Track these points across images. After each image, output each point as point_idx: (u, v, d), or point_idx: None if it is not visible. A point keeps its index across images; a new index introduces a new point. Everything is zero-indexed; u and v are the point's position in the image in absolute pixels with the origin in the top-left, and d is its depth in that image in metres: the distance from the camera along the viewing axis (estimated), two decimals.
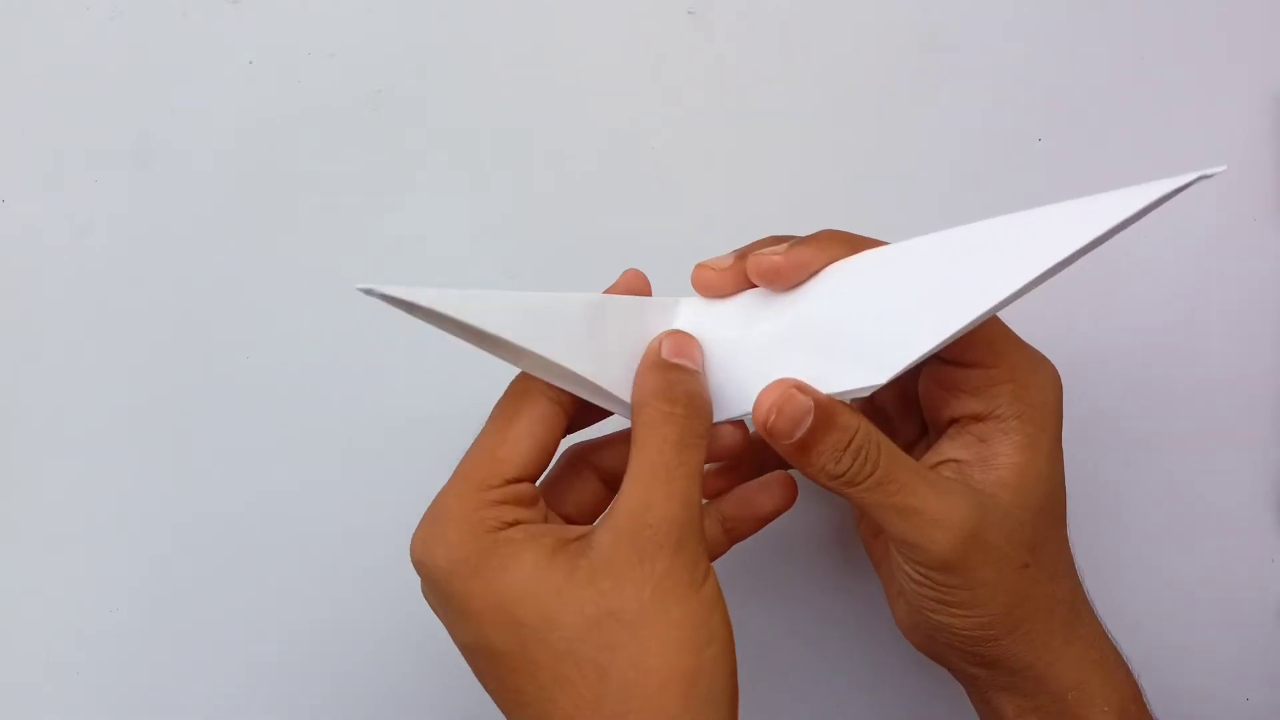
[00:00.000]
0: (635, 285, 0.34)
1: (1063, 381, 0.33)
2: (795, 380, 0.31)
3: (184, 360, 0.43)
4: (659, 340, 0.32)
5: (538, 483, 0.32)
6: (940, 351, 0.30)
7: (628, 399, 0.32)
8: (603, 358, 0.31)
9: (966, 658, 0.33)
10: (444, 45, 0.43)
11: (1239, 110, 0.43)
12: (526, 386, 0.31)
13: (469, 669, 0.31)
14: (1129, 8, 0.43)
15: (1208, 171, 0.26)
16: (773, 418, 0.30)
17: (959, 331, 0.29)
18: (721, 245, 0.36)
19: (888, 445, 0.31)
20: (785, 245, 0.32)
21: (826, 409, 0.30)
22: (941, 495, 0.30)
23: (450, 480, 0.31)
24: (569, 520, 0.33)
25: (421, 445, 0.43)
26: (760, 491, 0.35)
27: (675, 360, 0.31)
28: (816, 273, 0.32)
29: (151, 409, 0.43)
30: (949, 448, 0.33)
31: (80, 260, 0.43)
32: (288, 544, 0.43)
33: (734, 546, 0.36)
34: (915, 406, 0.35)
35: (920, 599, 0.33)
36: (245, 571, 0.43)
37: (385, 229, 0.43)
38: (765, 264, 0.32)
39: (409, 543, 0.31)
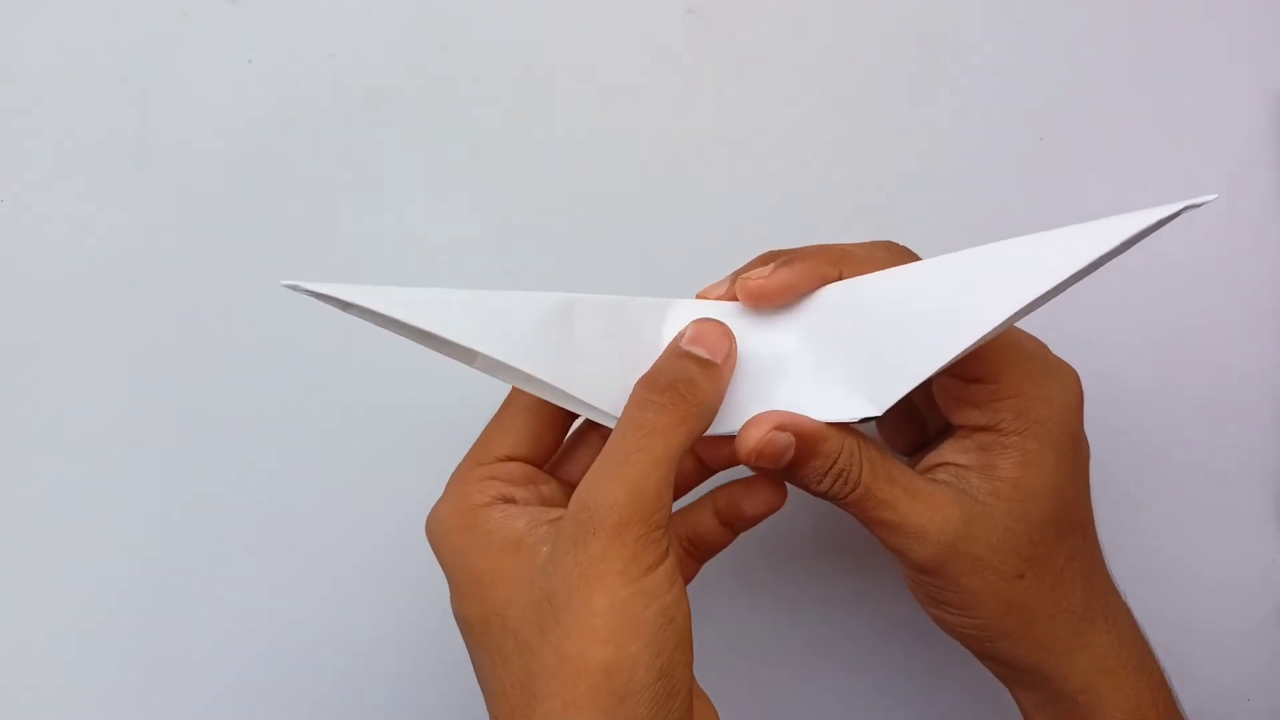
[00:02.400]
0: None
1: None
2: (777, 417, 0.31)
3: (183, 359, 0.43)
4: (685, 328, 0.32)
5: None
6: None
7: (595, 402, 0.32)
8: (564, 359, 0.31)
9: (974, 653, 0.34)
10: (444, 45, 0.43)
11: (1239, 110, 0.43)
12: None
13: (461, 667, 0.31)
14: (1129, 8, 0.43)
15: (1196, 200, 0.26)
16: (754, 459, 0.31)
17: (951, 360, 0.30)
18: (721, 245, 0.36)
19: (873, 461, 0.31)
20: (771, 266, 0.32)
21: (809, 440, 0.31)
22: (922, 507, 0.31)
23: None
24: None
25: (423, 441, 0.43)
26: (746, 493, 0.34)
27: (688, 348, 0.31)
28: (805, 294, 0.32)
29: (151, 408, 0.43)
30: (952, 450, 0.33)
31: (80, 260, 0.43)
32: (288, 542, 0.43)
33: (748, 543, 0.35)
34: (935, 404, 0.35)
35: (916, 595, 0.34)
36: (244, 570, 0.43)
37: (385, 228, 0.43)
38: (752, 288, 0.32)
39: (409, 540, 0.33)
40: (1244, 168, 0.43)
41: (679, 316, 0.33)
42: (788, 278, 0.32)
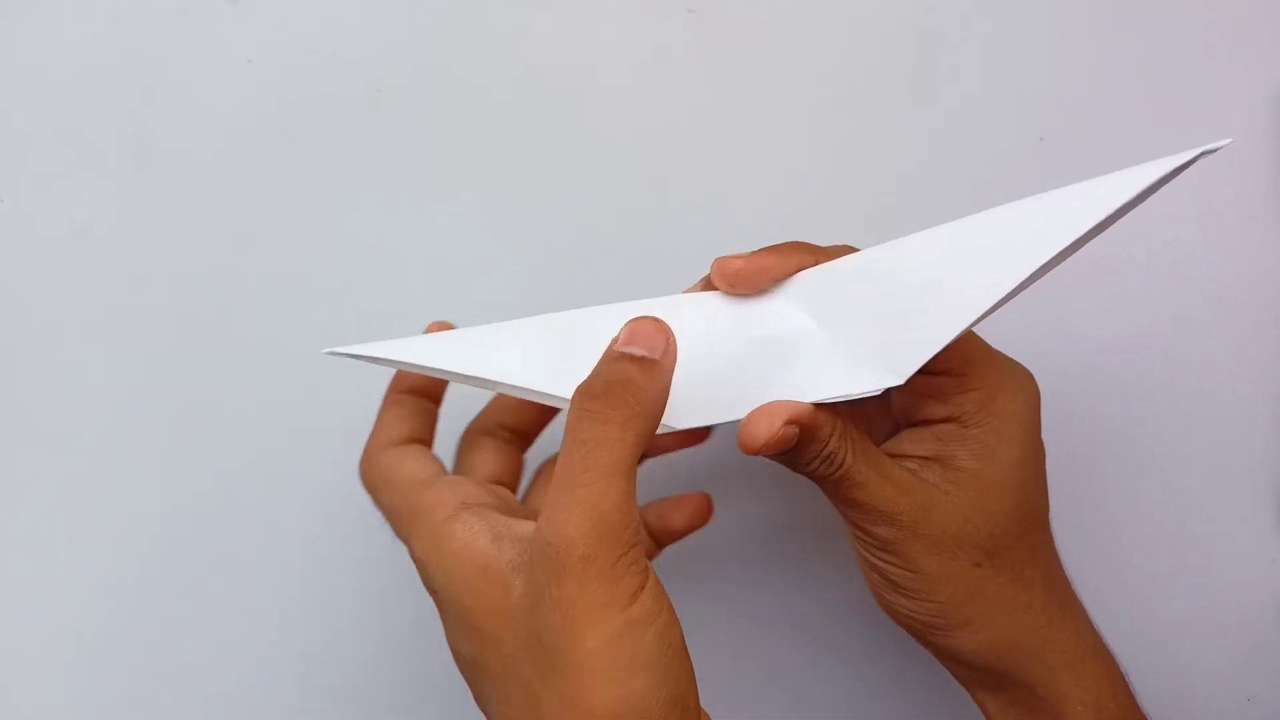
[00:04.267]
0: None
1: (1060, 383, 0.33)
2: (785, 410, 0.30)
3: (183, 360, 0.43)
4: (619, 332, 0.30)
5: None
6: None
7: None
8: (574, 374, 0.31)
9: (931, 649, 0.34)
10: (444, 45, 0.43)
11: (1239, 110, 0.43)
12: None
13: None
14: (1129, 7, 0.43)
15: (1211, 146, 0.26)
16: (764, 451, 0.30)
17: (976, 321, 0.29)
18: (722, 245, 0.36)
19: (854, 443, 0.31)
20: (749, 251, 0.32)
21: (809, 430, 0.30)
22: (891, 490, 0.31)
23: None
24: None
25: None
26: (674, 509, 0.36)
27: (623, 350, 0.30)
28: (780, 280, 0.32)
29: (150, 409, 0.43)
30: (910, 443, 0.33)
31: (80, 260, 0.43)
32: (287, 543, 0.43)
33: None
34: (888, 402, 0.35)
35: (872, 580, 0.34)
36: (244, 571, 0.43)
37: (384, 228, 0.43)
38: (727, 268, 0.32)
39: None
40: (1244, 167, 0.43)
41: (689, 310, 0.33)
42: (764, 261, 0.32)
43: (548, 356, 0.32)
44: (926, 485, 0.32)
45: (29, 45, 0.43)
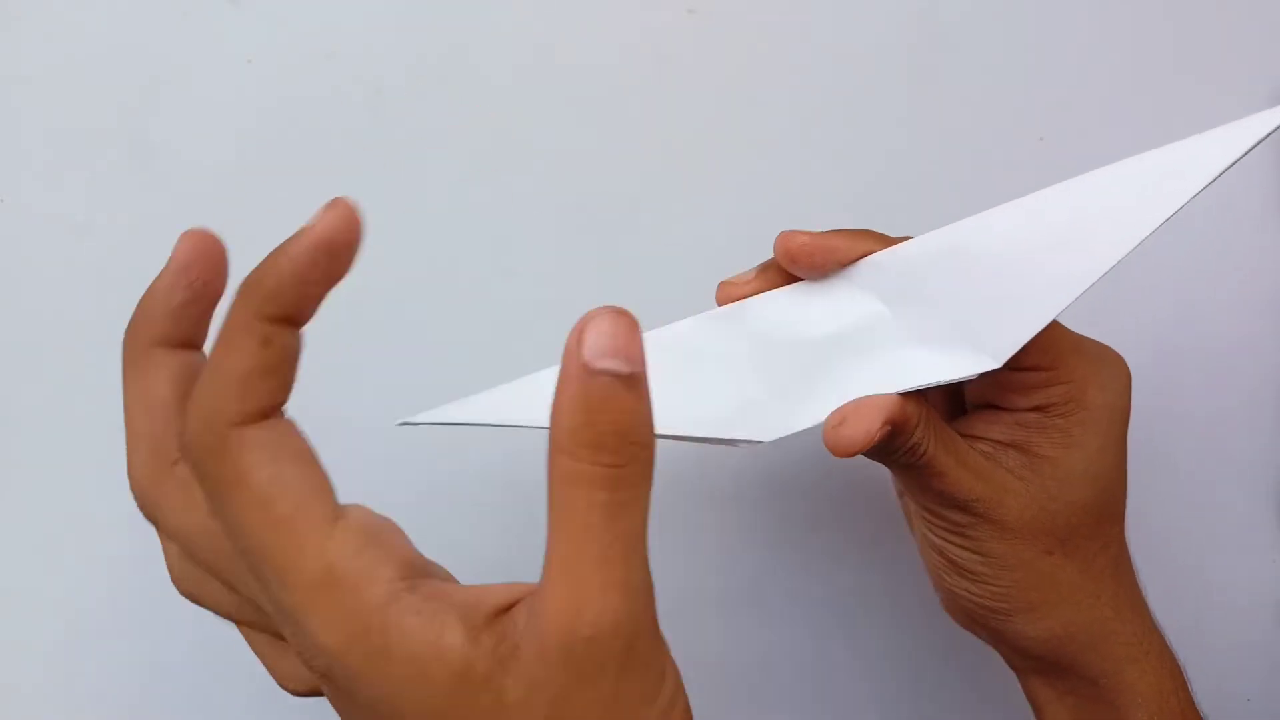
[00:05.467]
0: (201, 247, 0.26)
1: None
2: (883, 409, 0.29)
3: None
4: (577, 332, 0.22)
5: None
6: None
7: (703, 433, 0.29)
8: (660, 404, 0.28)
9: (988, 634, 0.34)
10: (444, 45, 0.43)
11: (1239, 110, 0.43)
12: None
13: None
14: (1129, 7, 0.43)
15: None
16: (858, 451, 0.29)
17: (1080, 294, 0.28)
18: (720, 244, 0.36)
19: (937, 432, 0.31)
20: (816, 229, 0.31)
21: (898, 425, 0.30)
22: (968, 476, 0.31)
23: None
24: None
25: (425, 441, 0.43)
26: None
27: (602, 365, 0.21)
28: (844, 264, 0.31)
29: None
30: (986, 425, 0.33)
31: (80, 260, 0.43)
32: None
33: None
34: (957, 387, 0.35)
35: (932, 561, 0.33)
36: None
37: (384, 229, 0.43)
38: (791, 244, 0.30)
39: (410, 531, 0.31)
40: (1244, 168, 0.43)
41: (745, 315, 0.31)
42: (831, 241, 0.30)
43: None
44: (1002, 471, 0.31)
45: (29, 45, 0.43)
